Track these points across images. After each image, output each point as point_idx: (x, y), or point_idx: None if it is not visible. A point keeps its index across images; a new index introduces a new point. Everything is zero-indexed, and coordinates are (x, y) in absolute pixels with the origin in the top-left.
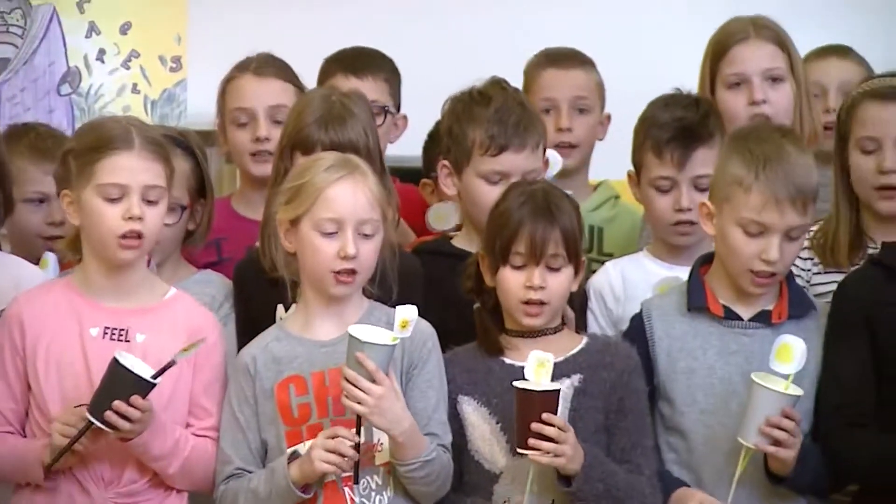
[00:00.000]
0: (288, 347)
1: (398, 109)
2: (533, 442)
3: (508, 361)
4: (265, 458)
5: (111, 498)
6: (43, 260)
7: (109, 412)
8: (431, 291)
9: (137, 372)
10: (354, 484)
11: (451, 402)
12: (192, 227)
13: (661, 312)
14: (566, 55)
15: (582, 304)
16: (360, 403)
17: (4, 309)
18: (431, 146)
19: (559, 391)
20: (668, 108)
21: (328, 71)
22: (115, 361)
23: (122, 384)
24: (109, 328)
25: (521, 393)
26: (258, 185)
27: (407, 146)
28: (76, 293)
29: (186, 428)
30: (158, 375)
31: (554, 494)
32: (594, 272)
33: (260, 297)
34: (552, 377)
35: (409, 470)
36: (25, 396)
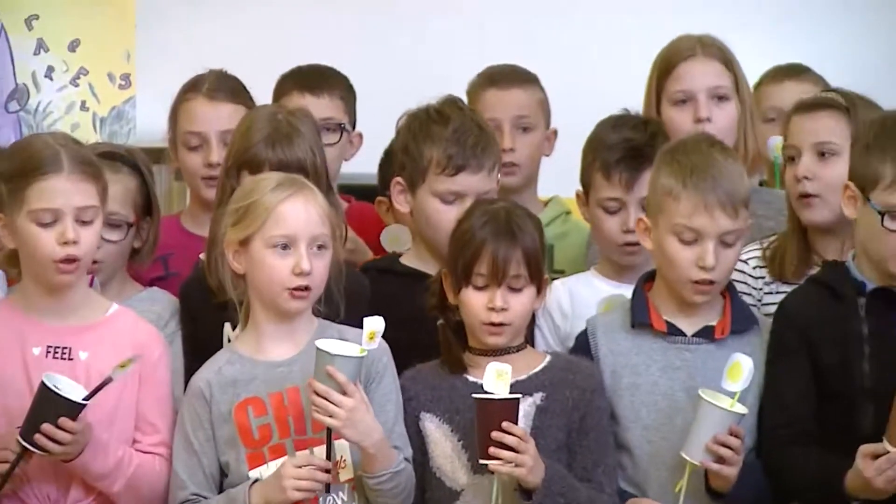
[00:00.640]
0: (242, 370)
1: (354, 127)
2: (493, 450)
3: (472, 379)
4: (222, 481)
5: None
6: None
7: (38, 435)
8: (380, 310)
9: (65, 394)
10: (326, 493)
11: (413, 419)
12: (138, 244)
13: (605, 329)
14: (507, 74)
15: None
16: (332, 417)
17: None
18: (387, 164)
19: (519, 399)
20: (616, 128)
21: (283, 88)
22: (42, 384)
23: (49, 407)
24: (52, 347)
25: (480, 403)
26: (208, 205)
27: (362, 163)
28: (17, 312)
29: (133, 444)
30: (92, 395)
31: None
32: None
33: (207, 315)
34: (514, 394)
35: (378, 482)
36: None
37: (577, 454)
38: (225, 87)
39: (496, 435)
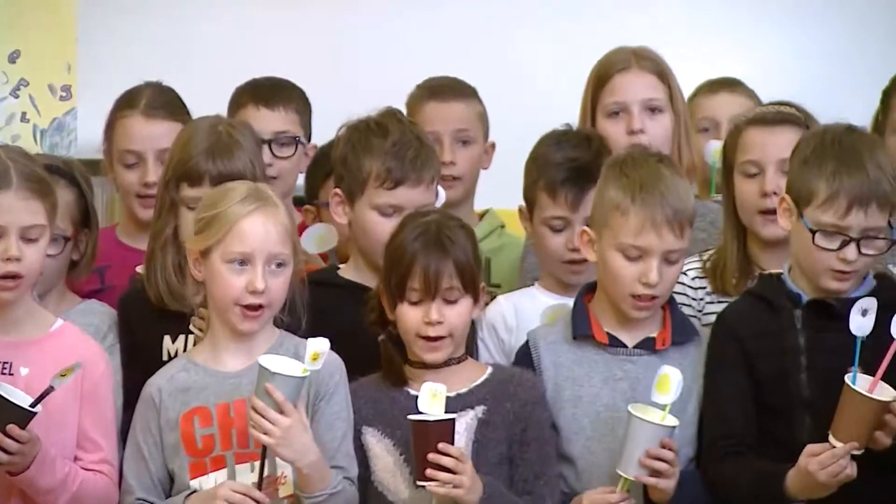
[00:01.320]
0: (195, 378)
1: (309, 139)
2: (430, 472)
3: (413, 392)
4: (171, 488)
5: None
6: None
7: None
8: (319, 322)
9: (15, 400)
10: None
11: (355, 433)
12: (76, 257)
13: (547, 342)
14: (447, 87)
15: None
16: (266, 434)
17: None
18: (314, 172)
19: (454, 420)
20: (560, 146)
21: (239, 101)
22: None
23: None
24: None
25: (416, 424)
26: (142, 222)
27: None
28: None
29: (75, 461)
30: (37, 403)
31: None
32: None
33: (145, 327)
34: (456, 408)
35: (314, 502)
36: None
37: (518, 466)
38: (162, 103)
39: (432, 457)
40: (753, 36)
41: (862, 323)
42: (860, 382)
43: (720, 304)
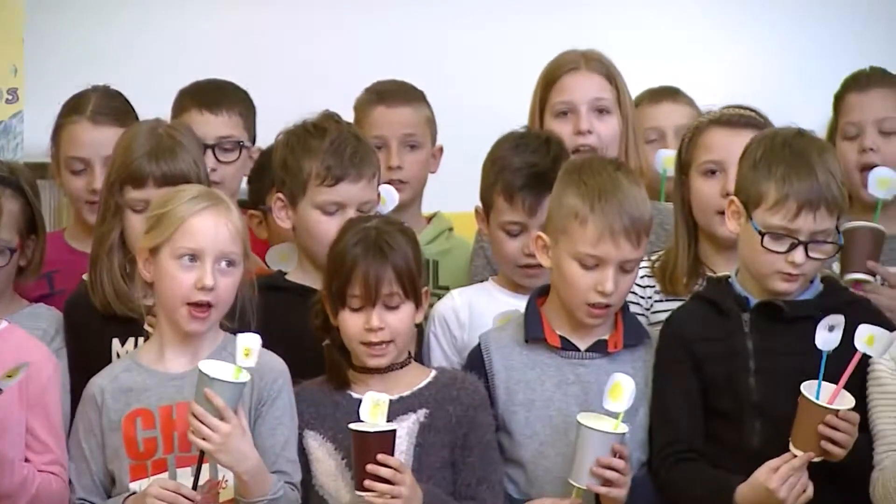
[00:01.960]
0: (138, 379)
1: (254, 142)
2: (368, 483)
3: (356, 396)
4: (113, 489)
5: None
6: None
7: None
8: (268, 326)
9: None
10: None
11: (297, 436)
12: (23, 263)
13: (499, 345)
14: (394, 91)
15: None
16: (206, 440)
17: None
18: (257, 177)
19: (394, 432)
20: (518, 150)
21: (181, 105)
22: None
23: None
24: None
25: (357, 434)
26: (91, 226)
27: None
28: None
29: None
30: None
31: None
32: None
33: (92, 331)
34: (399, 412)
35: None
36: None
37: (461, 471)
38: (109, 109)
39: (371, 468)
40: (705, 38)
41: (828, 338)
42: (824, 393)
43: (668, 303)
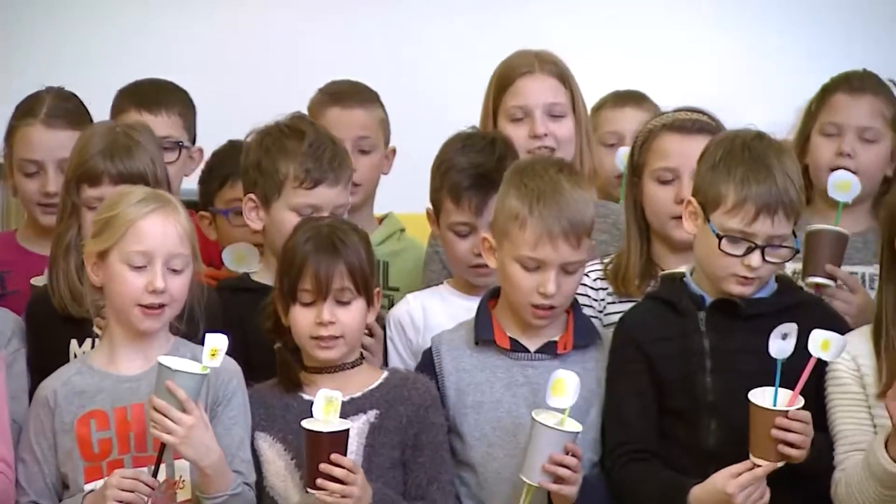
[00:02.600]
0: (91, 381)
1: (193, 142)
2: (320, 482)
3: (307, 397)
4: (65, 492)
5: None
6: None
7: None
8: (234, 328)
9: None
10: None
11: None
12: None
13: (450, 347)
14: (348, 93)
15: None
16: (169, 434)
17: None
18: (208, 178)
19: (348, 431)
20: (464, 151)
21: (120, 106)
22: None
23: None
24: None
25: (309, 434)
26: (44, 228)
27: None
28: None
29: None
30: None
31: None
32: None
33: (51, 333)
34: (349, 413)
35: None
36: None
37: (411, 471)
38: (63, 111)
39: (324, 467)
40: (659, 38)
41: (782, 346)
42: (781, 399)
43: (621, 304)
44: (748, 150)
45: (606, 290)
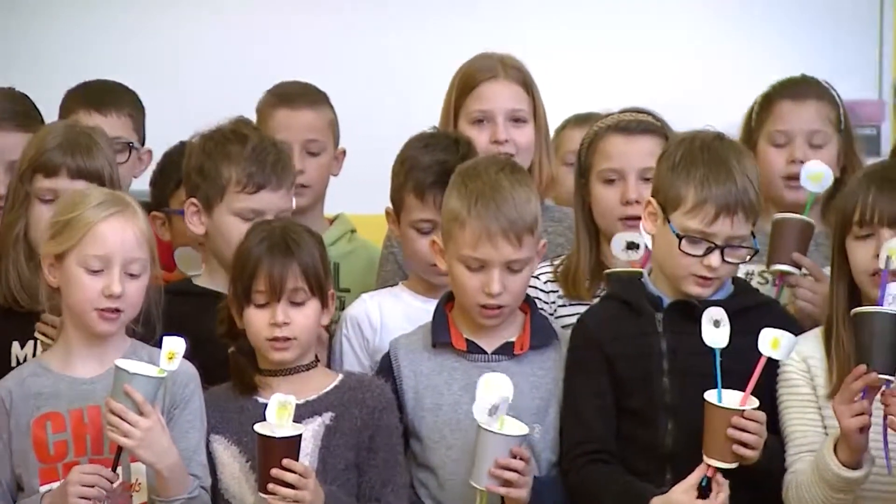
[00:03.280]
0: (47, 383)
1: (143, 143)
2: (272, 487)
3: (262, 400)
4: (20, 494)
5: None
6: None
7: None
8: (178, 332)
9: None
10: None
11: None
12: None
13: (407, 350)
14: (297, 94)
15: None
16: (126, 437)
17: None
18: (161, 179)
19: (300, 436)
20: (428, 149)
21: (70, 106)
22: None
23: None
24: None
25: (261, 438)
26: None
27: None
28: None
29: None
30: None
31: None
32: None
33: None
34: (304, 415)
35: None
36: None
37: (366, 473)
38: (11, 113)
39: (275, 472)
40: (608, 39)
41: (715, 335)
42: (728, 398)
43: (572, 307)
44: (708, 150)
45: (557, 292)
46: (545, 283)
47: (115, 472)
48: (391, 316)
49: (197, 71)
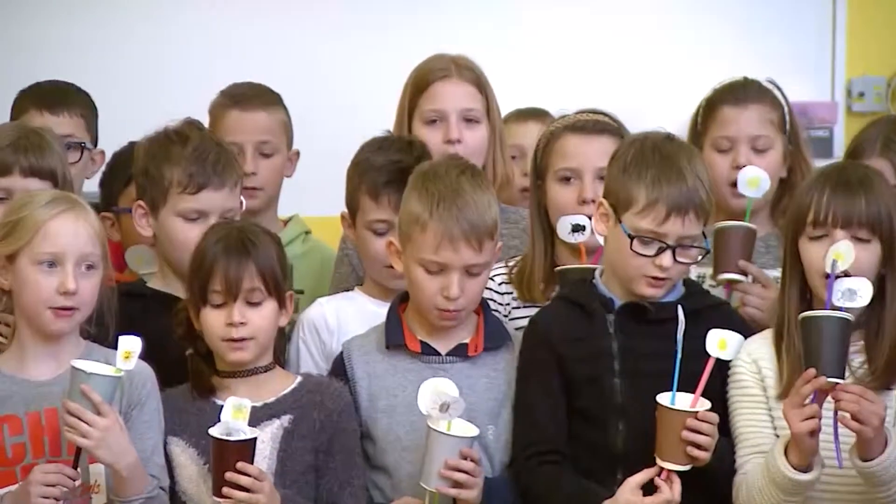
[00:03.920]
0: (2, 386)
1: (95, 144)
2: (227, 491)
3: (220, 402)
4: None
5: None
6: None
7: None
8: (130, 334)
9: None
10: None
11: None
12: None
13: (361, 352)
14: (249, 95)
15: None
16: (84, 437)
17: None
18: (110, 179)
19: (255, 439)
20: (382, 150)
21: (21, 106)
22: None
23: None
24: None
25: (216, 441)
26: None
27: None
28: None
29: None
30: None
31: None
32: None
33: None
34: (262, 418)
35: None
36: None
37: (324, 476)
38: None
39: (230, 476)
40: (562, 39)
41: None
42: (679, 400)
43: (526, 309)
44: (659, 151)
45: (511, 294)
46: (500, 284)
47: (75, 469)
48: (347, 320)
49: (153, 72)
